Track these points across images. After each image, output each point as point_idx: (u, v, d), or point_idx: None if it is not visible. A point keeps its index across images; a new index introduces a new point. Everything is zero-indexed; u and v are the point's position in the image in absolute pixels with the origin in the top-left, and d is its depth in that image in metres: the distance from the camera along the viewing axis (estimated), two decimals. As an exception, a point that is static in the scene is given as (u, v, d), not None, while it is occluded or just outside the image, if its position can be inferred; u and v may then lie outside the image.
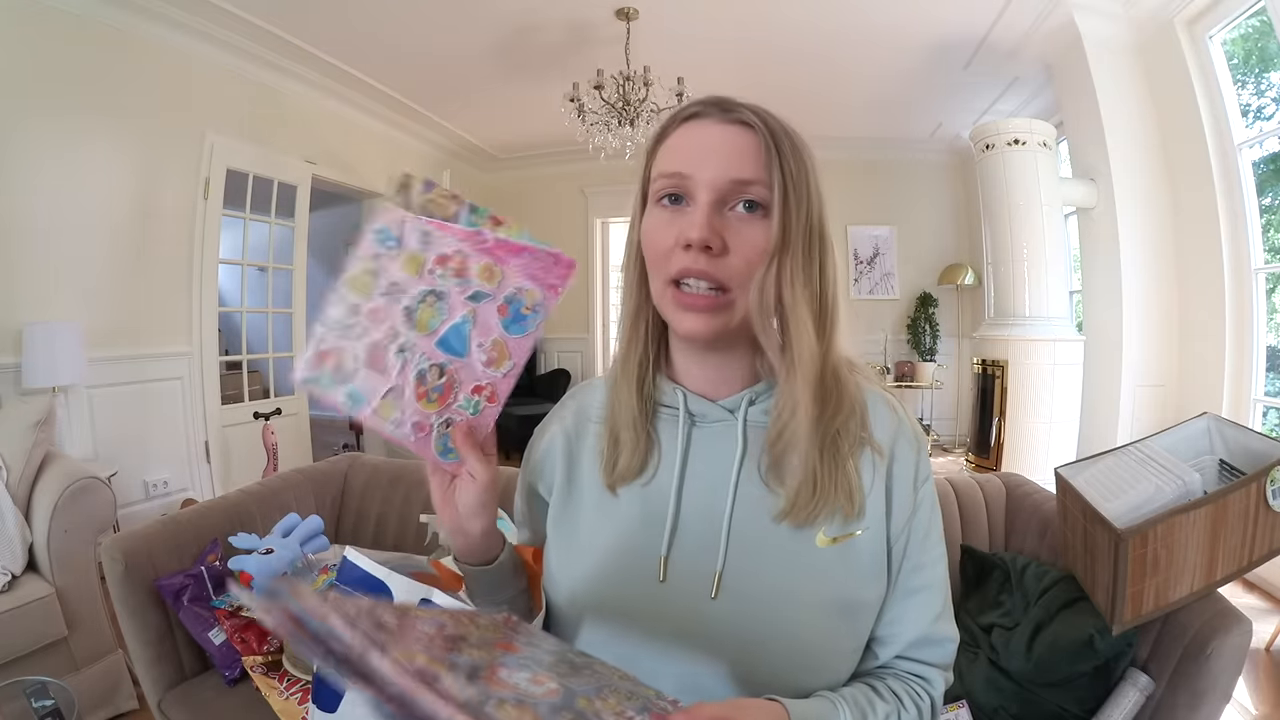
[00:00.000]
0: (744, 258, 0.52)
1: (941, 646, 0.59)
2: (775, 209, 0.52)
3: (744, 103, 0.55)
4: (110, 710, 1.66)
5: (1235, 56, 2.71)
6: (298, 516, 1.34)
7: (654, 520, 0.58)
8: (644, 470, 0.59)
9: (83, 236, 2.60)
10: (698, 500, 0.57)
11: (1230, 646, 0.82)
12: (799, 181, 0.53)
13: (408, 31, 3.26)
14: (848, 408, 0.56)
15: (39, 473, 1.75)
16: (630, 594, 0.57)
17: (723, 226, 0.52)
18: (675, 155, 0.54)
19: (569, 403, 0.68)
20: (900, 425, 0.59)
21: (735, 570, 0.55)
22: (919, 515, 0.59)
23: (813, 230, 0.54)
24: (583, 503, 0.62)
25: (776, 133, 0.53)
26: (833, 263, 0.56)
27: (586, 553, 0.60)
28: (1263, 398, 2.67)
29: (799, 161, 0.53)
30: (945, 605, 0.60)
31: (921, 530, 0.59)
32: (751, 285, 0.53)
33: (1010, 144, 3.25)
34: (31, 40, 2.38)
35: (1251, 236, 2.64)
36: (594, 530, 0.60)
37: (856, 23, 3.16)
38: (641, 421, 0.59)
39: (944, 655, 0.60)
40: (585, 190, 5.58)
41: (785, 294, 0.53)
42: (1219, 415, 1.11)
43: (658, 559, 0.56)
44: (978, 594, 1.19)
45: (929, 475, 0.60)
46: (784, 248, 0.52)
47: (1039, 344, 3.28)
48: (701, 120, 0.54)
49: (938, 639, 0.59)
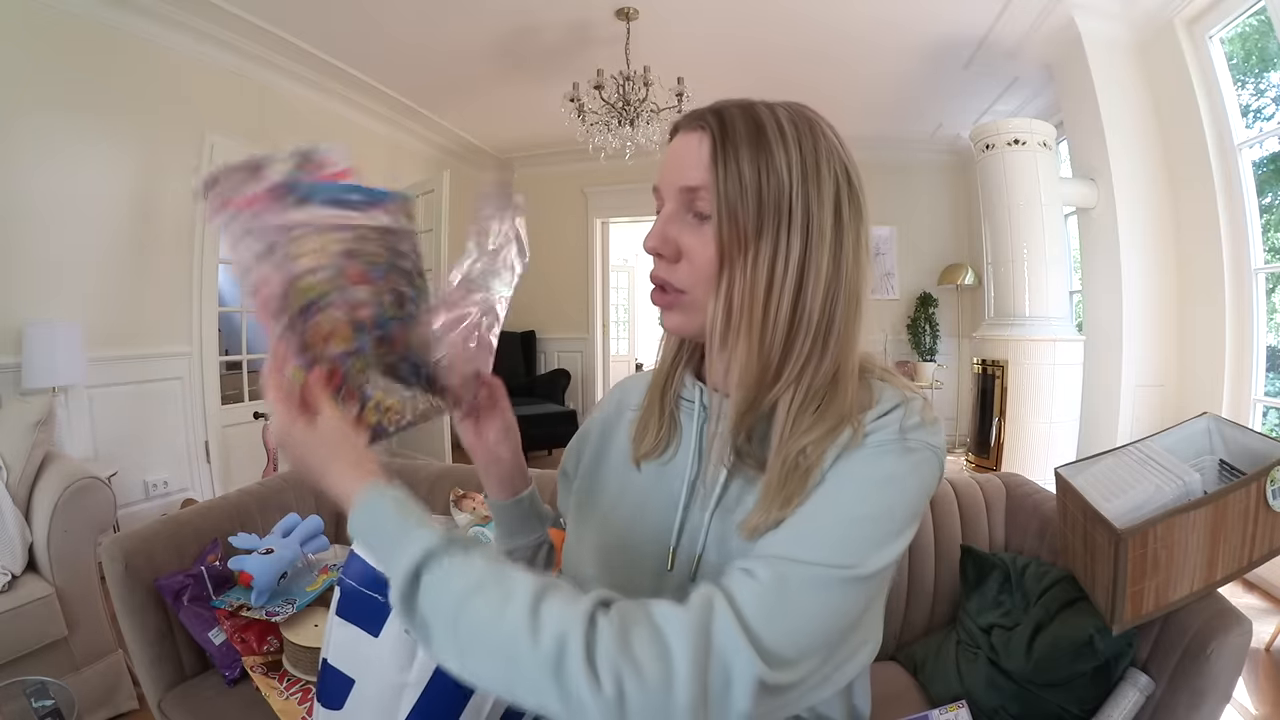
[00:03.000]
0: (693, 264, 0.54)
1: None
2: (714, 213, 0.52)
3: (723, 104, 0.54)
4: (110, 710, 1.66)
5: (1235, 56, 2.71)
6: (298, 516, 1.34)
7: (667, 510, 0.61)
8: (664, 449, 0.63)
9: (83, 237, 2.60)
10: (703, 491, 0.60)
11: (1230, 646, 0.82)
12: (751, 178, 0.50)
13: (408, 31, 3.26)
14: (829, 423, 0.52)
15: (39, 473, 1.75)
16: (641, 581, 0.60)
17: (679, 233, 0.55)
18: (660, 169, 0.58)
19: (614, 393, 0.74)
20: (896, 419, 0.52)
21: (712, 554, 0.57)
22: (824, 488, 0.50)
23: (784, 226, 0.51)
24: (609, 480, 0.67)
25: (731, 131, 0.51)
26: (830, 258, 0.52)
27: (606, 529, 0.64)
28: (1263, 398, 2.67)
29: (762, 154, 0.51)
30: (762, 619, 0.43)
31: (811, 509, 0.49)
32: (715, 291, 0.53)
33: (1010, 144, 3.25)
34: (31, 40, 2.38)
35: (1251, 237, 2.64)
36: (615, 506, 0.65)
37: (856, 23, 3.16)
38: (664, 406, 0.64)
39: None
40: (585, 190, 5.59)
41: (735, 300, 0.52)
42: (1219, 415, 1.11)
43: (667, 549, 0.60)
44: (978, 594, 1.19)
45: (889, 478, 0.50)
46: (733, 253, 0.51)
47: (1039, 344, 3.28)
48: (679, 132, 0.57)
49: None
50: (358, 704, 0.79)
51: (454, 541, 0.45)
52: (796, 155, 0.51)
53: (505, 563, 0.45)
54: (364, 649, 0.79)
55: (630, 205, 5.43)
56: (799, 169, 0.51)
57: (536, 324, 5.71)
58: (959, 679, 1.08)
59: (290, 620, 1.15)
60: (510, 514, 0.71)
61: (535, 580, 0.43)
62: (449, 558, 0.44)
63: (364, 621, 0.80)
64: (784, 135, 0.51)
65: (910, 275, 5.09)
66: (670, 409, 0.64)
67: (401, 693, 0.77)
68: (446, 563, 0.44)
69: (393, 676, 0.78)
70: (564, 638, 0.39)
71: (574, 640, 0.39)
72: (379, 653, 0.78)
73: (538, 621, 0.40)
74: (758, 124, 0.52)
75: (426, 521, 0.47)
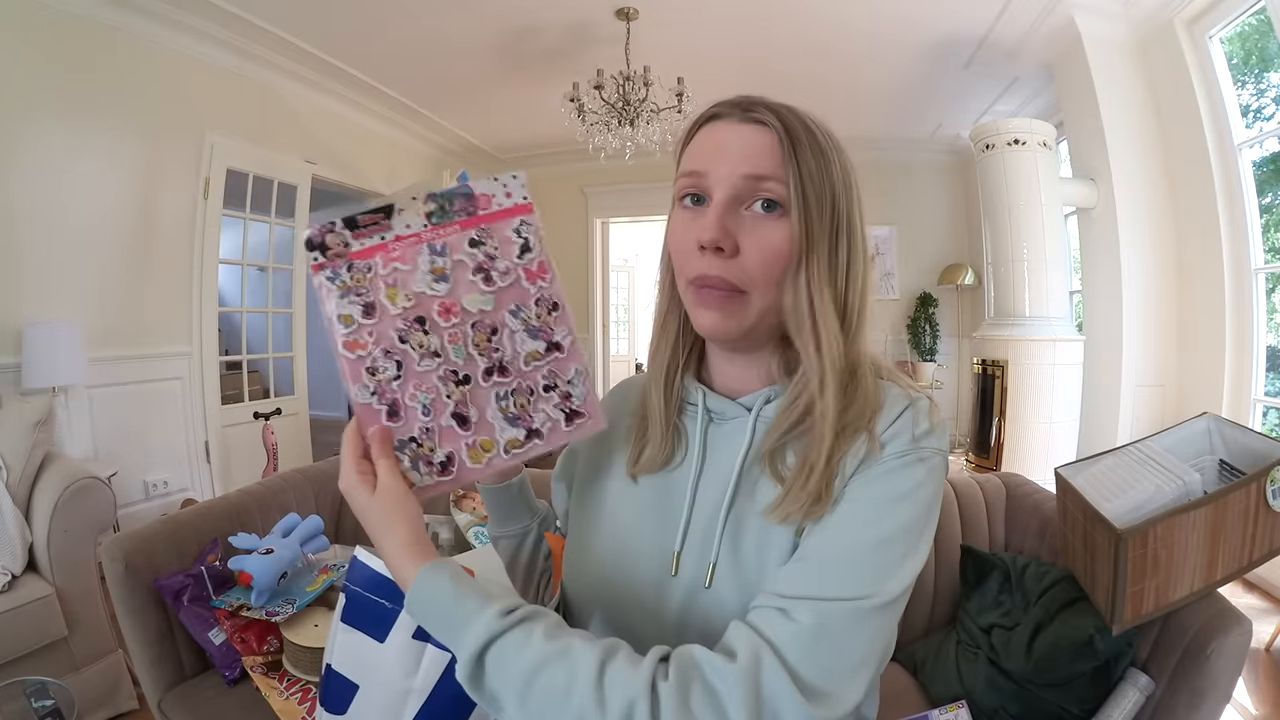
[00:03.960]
0: (758, 258, 0.52)
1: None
2: (793, 207, 0.52)
3: (766, 101, 0.55)
4: (110, 710, 1.66)
5: (1235, 56, 2.71)
6: (298, 516, 1.34)
7: (671, 512, 0.60)
8: (669, 461, 0.62)
9: (83, 236, 2.60)
10: (710, 494, 0.59)
11: (1230, 646, 0.82)
12: (819, 178, 0.52)
13: (408, 31, 3.26)
14: (860, 410, 0.54)
15: (39, 473, 1.75)
16: (644, 587, 0.59)
17: (737, 226, 0.53)
18: (695, 155, 0.56)
19: (611, 394, 0.73)
20: (908, 427, 0.53)
21: (728, 560, 0.56)
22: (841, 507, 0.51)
23: (839, 229, 0.53)
24: (606, 490, 0.65)
25: (794, 129, 0.52)
26: (863, 263, 0.55)
27: (605, 540, 0.63)
28: (1263, 398, 2.67)
29: (820, 158, 0.52)
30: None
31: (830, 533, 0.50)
32: (779, 287, 0.53)
33: (1010, 144, 3.25)
34: (31, 40, 2.38)
35: (1251, 236, 2.64)
36: (614, 517, 0.63)
37: (856, 23, 3.16)
38: (668, 416, 0.62)
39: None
40: (585, 190, 5.59)
41: (814, 294, 0.53)
42: (1219, 415, 1.11)
43: (672, 554, 0.59)
44: (978, 594, 1.19)
45: (906, 493, 0.51)
46: (808, 247, 0.52)
47: (1039, 344, 3.28)
48: (721, 120, 0.55)
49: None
50: (362, 709, 0.79)
51: (514, 620, 0.46)
52: (837, 160, 0.54)
53: (563, 631, 0.47)
54: (369, 655, 0.79)
55: (630, 205, 5.44)
56: (841, 173, 0.54)
57: (536, 324, 5.71)
58: (959, 679, 1.08)
59: (290, 620, 1.15)
60: (499, 499, 0.71)
61: (595, 650, 0.45)
62: (510, 638, 0.45)
63: (369, 627, 0.80)
64: (831, 141, 0.54)
65: (910, 275, 5.09)
66: (674, 418, 0.63)
67: (406, 699, 0.77)
68: (508, 644, 0.45)
69: (398, 682, 0.77)
70: (630, 707, 0.42)
71: (640, 709, 0.42)
72: (384, 659, 0.78)
73: (603, 694, 0.43)
74: (809, 127, 0.54)
75: (484, 599, 0.47)
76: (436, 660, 0.77)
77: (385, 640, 0.78)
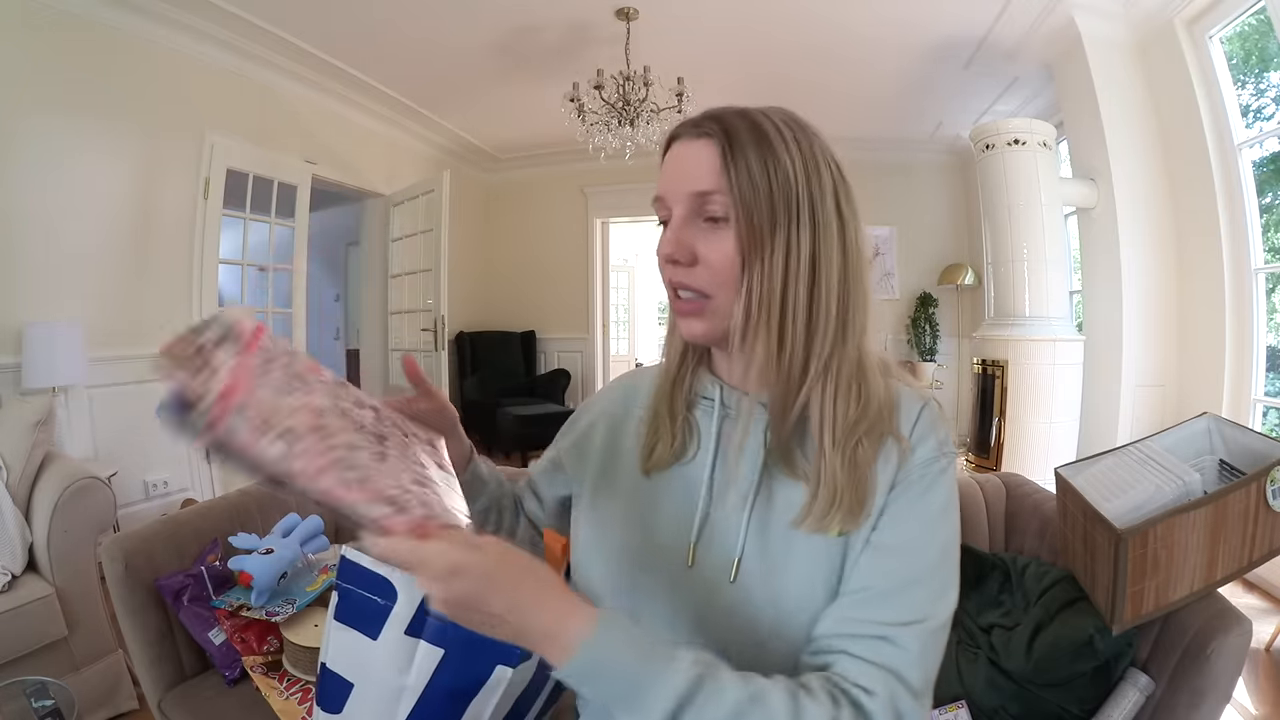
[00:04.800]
0: (711, 267, 0.55)
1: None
2: (732, 217, 0.53)
3: (720, 111, 0.56)
4: (110, 710, 1.66)
5: (1235, 56, 2.71)
6: (298, 516, 1.34)
7: (686, 506, 0.61)
8: (682, 456, 0.62)
9: (83, 236, 2.60)
10: (727, 488, 0.59)
11: (1230, 646, 0.82)
12: (761, 177, 0.52)
13: (408, 31, 3.26)
14: (874, 411, 0.55)
15: (39, 473, 1.75)
16: (659, 577, 0.60)
17: (694, 238, 0.55)
18: (660, 179, 0.58)
19: (619, 384, 0.74)
20: (931, 430, 0.57)
21: (753, 555, 0.57)
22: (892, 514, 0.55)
23: (797, 220, 0.53)
24: (619, 485, 0.66)
25: (736, 134, 0.53)
26: (838, 249, 0.55)
27: (619, 533, 0.64)
28: (1263, 398, 2.67)
29: (767, 153, 0.53)
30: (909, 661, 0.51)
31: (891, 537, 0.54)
32: (739, 290, 0.54)
33: (1010, 144, 3.25)
34: (31, 40, 2.38)
35: (1251, 236, 2.64)
36: (628, 512, 0.64)
37: (856, 23, 3.16)
38: (680, 411, 0.63)
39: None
40: (585, 190, 5.58)
41: (768, 294, 0.53)
42: (1219, 415, 1.11)
43: (687, 545, 0.59)
44: (977, 594, 1.19)
45: (945, 506, 0.55)
46: (752, 248, 0.53)
47: (1039, 344, 3.28)
48: (679, 141, 0.57)
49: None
50: (357, 707, 0.79)
51: (702, 674, 0.45)
52: (796, 152, 0.54)
53: (750, 677, 0.47)
54: (362, 652, 0.79)
55: (630, 205, 5.43)
56: (800, 166, 0.54)
57: (536, 324, 5.71)
58: (959, 679, 1.08)
59: (290, 620, 1.15)
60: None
61: (783, 690, 0.47)
62: (703, 694, 0.45)
63: (362, 625, 0.80)
64: (783, 135, 0.54)
65: (910, 275, 5.09)
66: (684, 413, 0.63)
67: (400, 696, 0.77)
68: (702, 700, 0.45)
69: (391, 679, 0.77)
70: None
71: None
72: (377, 656, 0.78)
73: None
74: (758, 127, 0.54)
75: (668, 656, 0.46)
76: (429, 657, 0.78)
77: (378, 637, 0.79)
